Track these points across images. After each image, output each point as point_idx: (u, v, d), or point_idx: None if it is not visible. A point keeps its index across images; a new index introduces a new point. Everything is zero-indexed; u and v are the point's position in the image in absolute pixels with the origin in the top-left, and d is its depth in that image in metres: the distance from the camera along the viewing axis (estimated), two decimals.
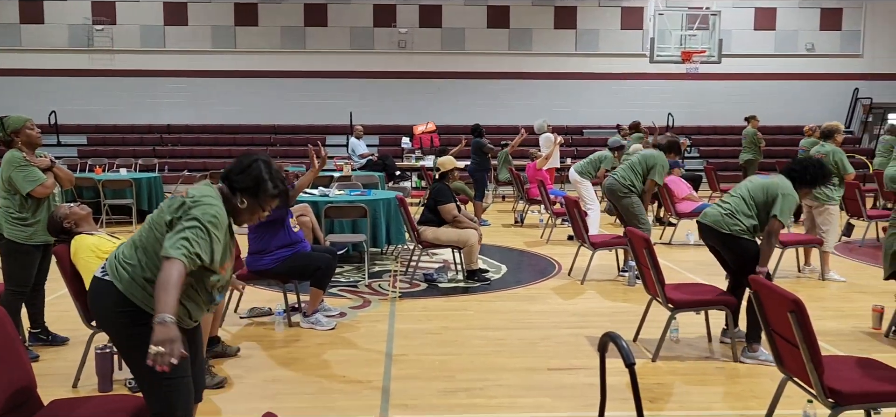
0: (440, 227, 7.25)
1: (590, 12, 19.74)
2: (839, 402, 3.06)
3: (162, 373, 2.58)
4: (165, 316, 2.36)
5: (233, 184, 2.83)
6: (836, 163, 7.21)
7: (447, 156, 7.75)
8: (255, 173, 2.82)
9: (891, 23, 19.95)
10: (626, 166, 7.48)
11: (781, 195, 4.71)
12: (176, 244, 2.53)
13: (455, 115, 19.67)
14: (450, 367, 4.71)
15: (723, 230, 4.84)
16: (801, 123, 19.99)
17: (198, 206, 2.65)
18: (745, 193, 4.88)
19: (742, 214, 4.81)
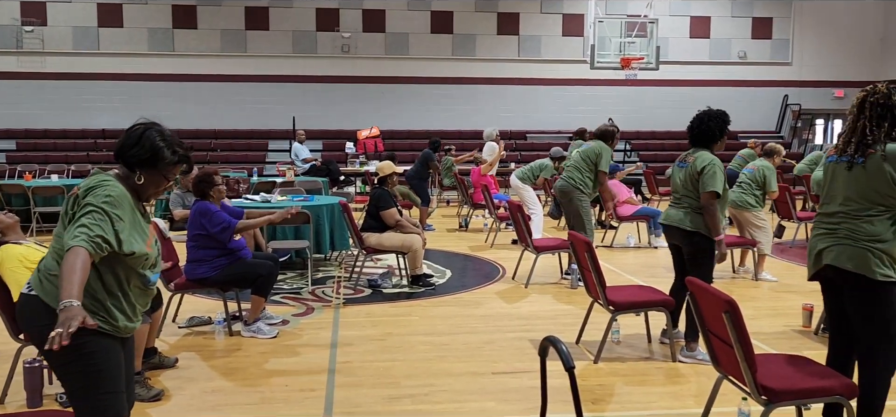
0: (384, 233, 7.22)
1: (532, 19, 20.00)
2: (771, 399, 3.16)
3: (94, 387, 2.49)
4: (70, 300, 2.24)
5: (128, 160, 2.71)
6: (764, 177, 7.50)
7: (386, 161, 7.72)
8: (149, 143, 2.71)
9: (817, 33, 20.81)
10: (572, 166, 7.56)
11: (703, 167, 4.76)
12: (74, 233, 2.44)
13: (399, 120, 19.66)
14: (394, 374, 4.69)
15: (686, 228, 4.86)
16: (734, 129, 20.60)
17: (90, 193, 2.56)
18: (689, 185, 4.90)
19: (696, 209, 4.83)
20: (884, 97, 3.25)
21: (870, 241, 3.22)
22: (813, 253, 3.47)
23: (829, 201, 3.42)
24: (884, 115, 3.24)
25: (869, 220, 3.24)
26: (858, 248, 3.25)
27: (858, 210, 3.27)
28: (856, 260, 3.24)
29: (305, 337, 5.53)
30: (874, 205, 3.24)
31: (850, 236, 3.28)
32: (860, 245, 3.24)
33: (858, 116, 3.31)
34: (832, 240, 3.35)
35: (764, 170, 7.58)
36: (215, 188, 5.61)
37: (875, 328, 3.28)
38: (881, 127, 3.23)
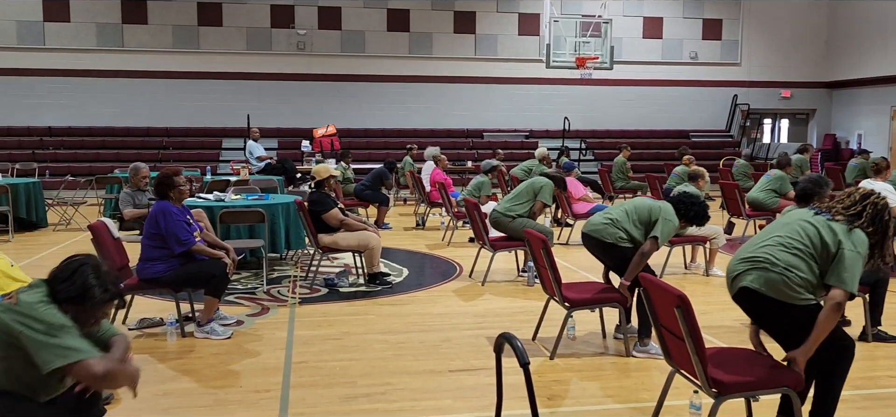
0: (338, 232, 7.16)
1: (488, 17, 20.08)
2: (721, 392, 3.23)
3: None
4: None
5: (57, 295, 2.65)
6: None
7: (322, 164, 7.63)
8: (81, 280, 2.67)
9: (764, 35, 21.36)
10: (513, 196, 7.59)
11: (663, 219, 4.95)
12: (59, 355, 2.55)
13: (356, 119, 19.55)
14: (350, 373, 4.66)
15: (606, 240, 5.03)
16: (686, 128, 21.13)
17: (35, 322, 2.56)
18: (630, 208, 5.13)
19: (623, 225, 5.02)
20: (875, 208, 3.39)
21: (785, 268, 3.34)
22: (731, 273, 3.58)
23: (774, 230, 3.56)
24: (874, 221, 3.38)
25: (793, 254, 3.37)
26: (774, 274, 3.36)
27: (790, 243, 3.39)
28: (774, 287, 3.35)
29: (260, 337, 5.45)
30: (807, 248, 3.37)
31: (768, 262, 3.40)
32: (776, 271, 3.35)
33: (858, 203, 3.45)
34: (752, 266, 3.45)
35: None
36: (176, 189, 5.47)
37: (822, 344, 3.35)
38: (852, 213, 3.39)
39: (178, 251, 5.27)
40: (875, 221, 3.36)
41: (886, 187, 8.03)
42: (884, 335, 5.39)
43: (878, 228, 3.37)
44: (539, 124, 20.31)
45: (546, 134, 20.01)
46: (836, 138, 21.66)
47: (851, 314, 5.73)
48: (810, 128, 22.58)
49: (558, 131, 19.83)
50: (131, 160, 8.63)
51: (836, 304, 3.22)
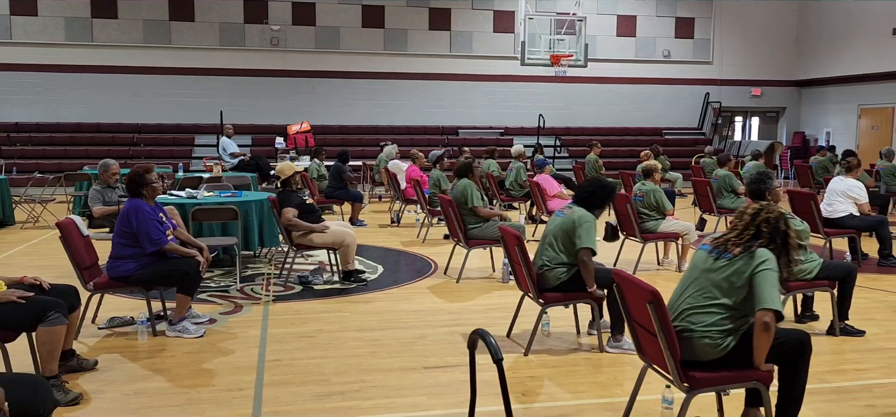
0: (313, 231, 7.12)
1: (463, 14, 20.09)
2: (693, 386, 3.27)
3: None
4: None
5: None
6: (656, 202, 7.71)
7: (285, 163, 7.58)
8: None
9: (735, 34, 21.63)
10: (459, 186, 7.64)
11: (578, 224, 4.95)
12: None
13: (330, 115, 19.45)
14: (324, 371, 4.64)
15: (552, 284, 5.00)
16: (659, 125, 21.34)
17: None
18: (552, 241, 5.06)
19: (558, 265, 5.00)
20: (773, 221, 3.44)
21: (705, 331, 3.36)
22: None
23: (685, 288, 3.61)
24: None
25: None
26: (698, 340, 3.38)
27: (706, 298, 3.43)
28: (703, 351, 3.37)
29: (234, 335, 5.41)
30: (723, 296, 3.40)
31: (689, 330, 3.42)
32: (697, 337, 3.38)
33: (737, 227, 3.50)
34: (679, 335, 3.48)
35: (653, 193, 7.75)
36: (148, 186, 5.38)
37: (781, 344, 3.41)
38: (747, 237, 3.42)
39: (150, 250, 5.20)
40: (774, 235, 3.40)
41: (856, 184, 8.19)
42: (851, 329, 5.49)
43: (779, 240, 3.40)
44: (514, 121, 20.38)
45: (521, 131, 20.08)
46: (805, 136, 22.01)
47: (819, 309, 5.84)
48: (780, 126, 22.93)
49: (533, 128, 19.91)
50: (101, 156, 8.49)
51: (764, 324, 3.21)
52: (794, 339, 3.45)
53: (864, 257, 8.41)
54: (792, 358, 3.43)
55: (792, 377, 3.44)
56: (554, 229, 5.13)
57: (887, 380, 4.55)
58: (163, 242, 5.24)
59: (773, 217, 3.45)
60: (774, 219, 3.44)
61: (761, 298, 3.24)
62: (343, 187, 11.66)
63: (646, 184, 7.95)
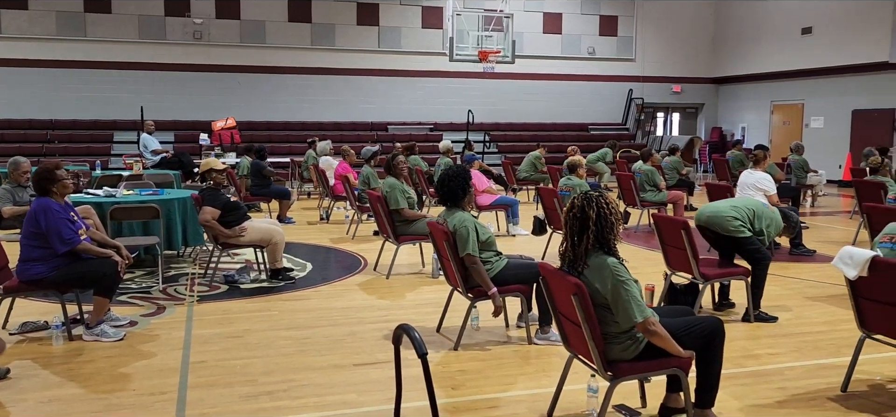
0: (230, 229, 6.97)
1: (391, 10, 20.02)
2: (616, 374, 3.36)
3: None
4: None
5: None
6: None
7: (207, 159, 7.46)
8: None
9: (657, 33, 22.31)
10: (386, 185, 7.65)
11: (458, 232, 5.02)
12: None
13: (257, 111, 19.09)
14: (252, 371, 4.55)
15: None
16: (585, 121, 21.81)
17: None
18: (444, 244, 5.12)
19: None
20: (579, 210, 3.42)
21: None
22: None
23: None
24: (582, 228, 3.40)
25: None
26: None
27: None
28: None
29: (156, 337, 5.24)
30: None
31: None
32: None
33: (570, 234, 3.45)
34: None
35: (578, 188, 7.96)
36: (57, 183, 5.15)
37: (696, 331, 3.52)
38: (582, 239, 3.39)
39: (61, 250, 4.98)
40: (597, 221, 3.35)
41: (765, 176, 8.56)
42: (764, 316, 5.74)
43: (599, 221, 3.37)
44: (443, 117, 20.45)
45: (451, 127, 20.17)
46: (722, 131, 22.90)
47: (735, 296, 6.09)
48: (699, 122, 23.78)
49: (462, 124, 20.03)
50: (11, 154, 8.07)
51: (647, 332, 3.29)
52: (708, 326, 3.59)
53: (777, 247, 8.81)
54: (707, 344, 3.56)
55: (708, 362, 3.58)
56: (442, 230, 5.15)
57: (798, 363, 4.78)
58: (75, 242, 5.03)
59: (579, 203, 3.40)
60: (582, 203, 3.39)
61: (628, 315, 3.27)
62: (267, 184, 11.46)
63: (571, 178, 8.12)
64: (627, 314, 3.29)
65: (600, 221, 3.39)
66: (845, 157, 18.07)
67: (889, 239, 4.10)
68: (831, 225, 11.62)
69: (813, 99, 19.86)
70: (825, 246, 9.03)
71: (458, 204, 5.30)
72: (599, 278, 3.36)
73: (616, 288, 3.30)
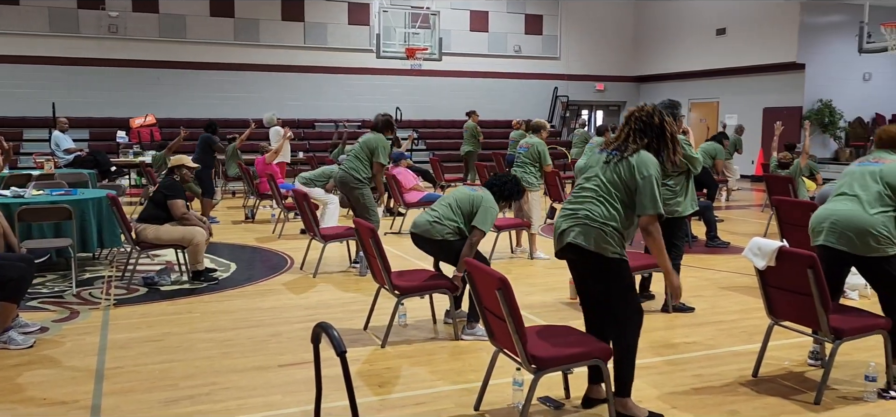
0: (162, 225, 6.76)
1: (317, 6, 19.78)
2: (540, 367, 3.41)
3: None
4: None
5: None
6: (539, 154, 8.10)
7: (180, 154, 7.31)
8: None
9: (580, 31, 22.79)
10: (351, 156, 7.57)
11: (483, 208, 5.11)
12: None
13: (178, 108, 18.52)
14: (172, 375, 4.42)
15: (435, 237, 5.12)
16: (511, 118, 22.05)
17: None
18: (452, 202, 5.20)
19: (448, 220, 5.12)
20: (647, 116, 3.66)
21: (603, 222, 3.58)
22: (557, 232, 3.77)
23: (584, 183, 3.75)
24: (644, 131, 3.65)
25: (608, 205, 3.59)
26: (594, 228, 3.58)
27: (603, 194, 3.61)
28: (592, 239, 3.58)
29: (69, 343, 5.02)
30: (618, 191, 3.60)
31: (588, 217, 3.61)
32: (595, 225, 3.58)
33: (625, 125, 3.72)
34: (573, 221, 3.66)
35: (537, 146, 8.16)
36: None
37: (617, 297, 3.65)
38: (641, 140, 3.63)
39: None
40: (646, 131, 3.61)
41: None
42: (682, 306, 5.95)
43: (652, 135, 3.62)
44: (371, 114, 20.14)
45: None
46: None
47: (655, 288, 6.28)
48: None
49: None
50: None
51: (646, 231, 3.53)
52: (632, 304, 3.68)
53: (694, 239, 9.16)
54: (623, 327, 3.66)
55: (623, 344, 3.67)
56: (459, 194, 5.23)
57: (713, 351, 4.97)
58: None
59: (643, 114, 3.66)
60: (646, 114, 3.66)
61: (644, 204, 3.51)
62: (211, 164, 11.37)
63: (532, 137, 8.36)
64: (643, 203, 3.51)
65: (663, 131, 3.62)
66: (758, 153, 18.91)
67: (858, 161, 4.45)
68: (744, 219, 12.15)
69: (727, 97, 20.69)
70: (739, 239, 9.43)
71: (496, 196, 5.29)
72: (643, 165, 3.53)
73: (650, 179, 3.51)
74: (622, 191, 3.59)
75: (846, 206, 4.24)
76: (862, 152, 17.34)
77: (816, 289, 3.86)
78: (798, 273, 3.92)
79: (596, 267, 3.61)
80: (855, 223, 4.16)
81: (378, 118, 7.71)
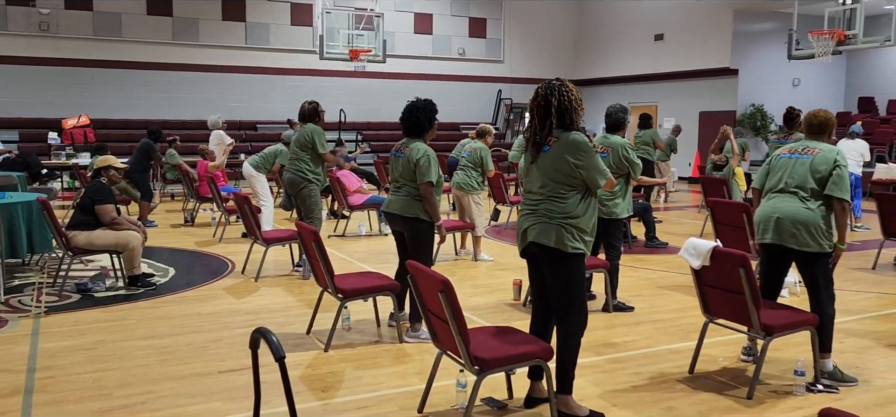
0: (95, 230, 6.56)
1: (258, 6, 19.49)
2: (483, 368, 3.44)
3: None
4: None
5: None
6: (481, 158, 8.16)
7: (106, 155, 7.07)
8: None
9: (523, 35, 23.04)
10: (291, 158, 7.44)
11: (417, 159, 5.04)
12: None
13: (114, 108, 18.01)
14: (106, 384, 4.28)
15: (407, 214, 5.10)
16: (456, 120, 22.16)
17: None
18: (407, 174, 5.14)
19: (416, 199, 5.11)
20: (543, 100, 3.74)
21: (563, 218, 3.64)
22: (520, 231, 3.84)
23: (530, 185, 3.81)
24: (545, 116, 3.72)
25: (562, 199, 3.66)
26: (553, 225, 3.65)
27: (552, 191, 3.68)
28: (553, 235, 3.64)
29: None
30: (562, 185, 3.67)
31: (547, 214, 3.68)
32: (555, 221, 3.65)
33: (530, 119, 3.82)
34: (534, 219, 3.73)
35: (480, 151, 8.23)
36: None
37: (565, 294, 3.72)
38: (545, 123, 3.71)
39: None
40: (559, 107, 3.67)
41: None
42: (621, 305, 6.08)
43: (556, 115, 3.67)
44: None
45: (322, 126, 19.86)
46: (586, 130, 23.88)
47: (596, 288, 6.40)
48: None
49: (334, 123, 19.78)
50: None
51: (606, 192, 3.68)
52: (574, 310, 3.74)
53: (634, 240, 9.36)
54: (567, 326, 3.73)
55: (566, 347, 3.74)
56: (400, 165, 5.19)
57: (651, 349, 5.10)
58: None
59: (540, 97, 3.72)
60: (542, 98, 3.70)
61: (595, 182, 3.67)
62: (148, 168, 11.04)
63: (476, 142, 8.42)
64: (593, 179, 3.64)
65: (562, 106, 3.69)
66: (694, 156, 19.45)
67: (788, 151, 4.52)
68: (682, 220, 12.47)
69: (665, 101, 21.21)
70: (677, 239, 9.68)
71: (421, 136, 5.22)
72: (571, 150, 3.64)
73: (588, 155, 3.65)
74: (566, 181, 3.66)
75: (787, 203, 4.35)
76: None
77: (748, 288, 3.99)
78: (731, 272, 4.05)
79: (556, 262, 3.67)
80: (799, 218, 4.28)
81: (304, 107, 7.48)
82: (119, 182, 7.05)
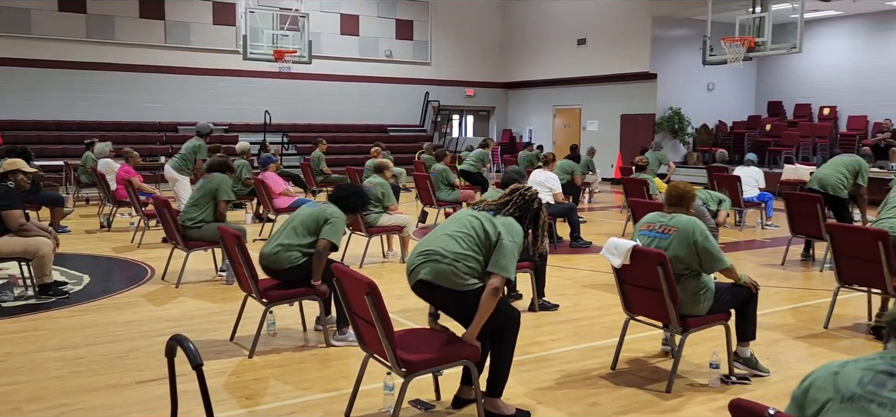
0: (1, 237, 6.22)
1: (179, 4, 18.94)
2: (410, 370, 3.44)
3: None
4: None
5: None
6: (382, 194, 8.02)
7: (15, 157, 6.72)
8: None
9: (450, 38, 23.17)
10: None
11: (330, 221, 5.03)
12: None
13: (21, 109, 17.16)
14: (14, 398, 4.08)
15: (284, 267, 5.00)
16: (384, 122, 22.11)
17: None
18: (297, 225, 5.08)
19: (296, 247, 5.00)
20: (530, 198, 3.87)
21: (454, 259, 3.64)
22: (409, 269, 3.80)
23: (448, 223, 3.87)
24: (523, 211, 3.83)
25: (461, 243, 3.66)
26: (444, 264, 3.63)
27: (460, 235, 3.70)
28: (442, 275, 3.62)
29: None
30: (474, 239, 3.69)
31: (439, 254, 3.66)
32: (446, 261, 3.64)
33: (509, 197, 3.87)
34: (424, 258, 3.70)
35: (379, 188, 8.09)
36: None
37: (494, 318, 3.68)
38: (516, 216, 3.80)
39: None
40: (524, 210, 3.81)
41: (552, 176, 9.25)
42: (547, 304, 6.19)
43: (528, 216, 3.83)
44: (239, 117, 19.71)
45: (247, 127, 19.48)
46: (512, 133, 24.32)
47: (521, 288, 6.49)
48: (491, 124, 25.06)
49: (259, 125, 19.44)
50: None
51: (494, 289, 3.56)
52: (507, 314, 3.77)
53: (559, 240, 9.54)
54: (502, 332, 3.76)
55: (500, 349, 3.77)
56: (302, 215, 5.12)
57: (575, 347, 5.21)
58: None
59: (528, 195, 3.86)
60: (528, 197, 3.85)
61: (499, 264, 3.59)
62: (35, 188, 10.35)
63: (375, 177, 8.22)
64: (501, 263, 3.59)
65: (534, 219, 3.86)
66: (616, 157, 19.99)
67: (647, 227, 4.58)
68: (605, 220, 12.80)
69: (588, 104, 21.72)
70: (600, 239, 9.90)
71: (343, 208, 5.21)
72: (506, 229, 3.67)
73: (510, 243, 3.63)
74: (481, 244, 3.67)
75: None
76: (708, 156, 18.76)
77: (666, 285, 4.13)
78: (649, 270, 4.18)
79: (451, 301, 3.67)
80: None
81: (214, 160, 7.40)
82: (27, 187, 6.69)
